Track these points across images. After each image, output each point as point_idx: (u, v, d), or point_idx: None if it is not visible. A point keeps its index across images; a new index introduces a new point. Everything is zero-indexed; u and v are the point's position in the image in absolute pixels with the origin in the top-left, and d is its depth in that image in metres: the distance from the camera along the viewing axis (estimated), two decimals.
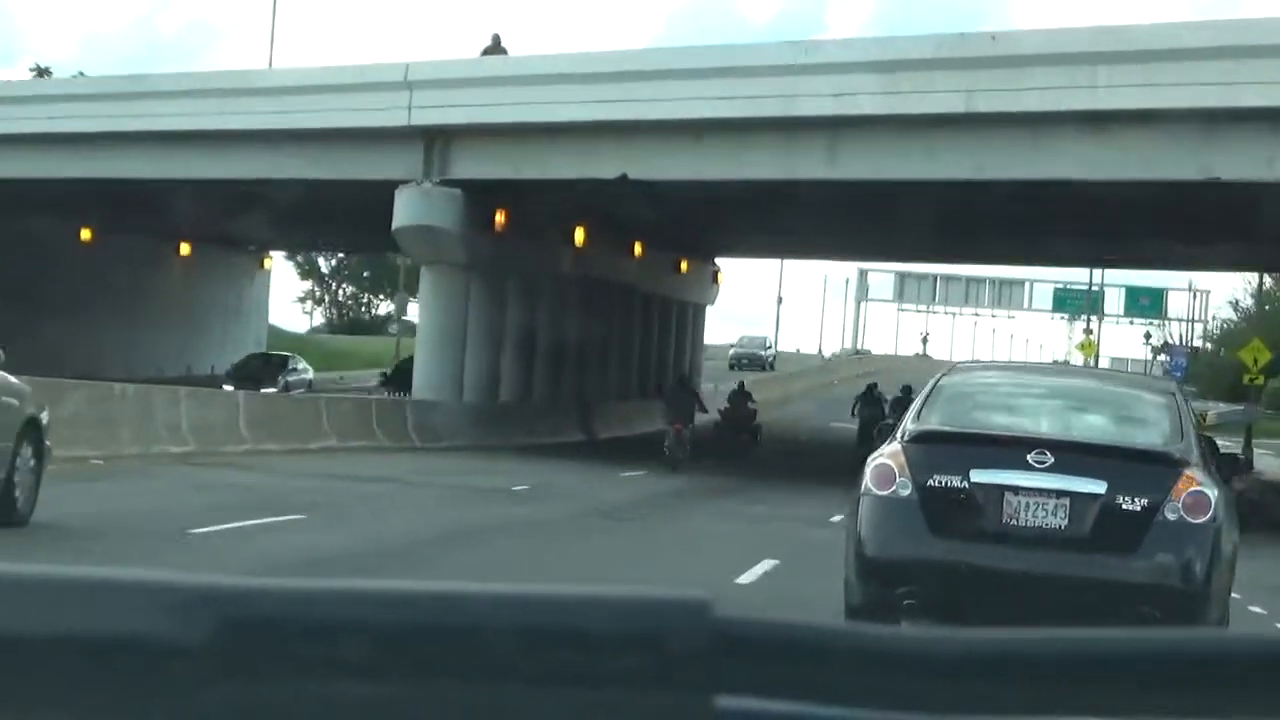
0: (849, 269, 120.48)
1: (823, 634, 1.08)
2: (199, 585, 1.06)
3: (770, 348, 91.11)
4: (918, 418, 10.23)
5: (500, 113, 32.48)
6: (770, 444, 42.46)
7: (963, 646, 1.08)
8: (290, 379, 52.41)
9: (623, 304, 46.66)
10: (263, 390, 40.82)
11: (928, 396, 10.52)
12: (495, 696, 1.05)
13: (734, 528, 20.85)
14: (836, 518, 15.83)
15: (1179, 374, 72.72)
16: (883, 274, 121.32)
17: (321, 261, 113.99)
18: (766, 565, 15.78)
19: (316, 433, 30.52)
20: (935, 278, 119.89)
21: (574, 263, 40.57)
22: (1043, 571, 9.55)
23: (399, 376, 44.47)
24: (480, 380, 36.80)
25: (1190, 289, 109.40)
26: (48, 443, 14.62)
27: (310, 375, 55.32)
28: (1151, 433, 10.28)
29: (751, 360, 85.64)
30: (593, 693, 1.05)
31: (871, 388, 44.71)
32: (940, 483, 9.74)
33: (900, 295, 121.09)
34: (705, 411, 35.34)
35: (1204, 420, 54.02)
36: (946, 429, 10.10)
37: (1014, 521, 9.68)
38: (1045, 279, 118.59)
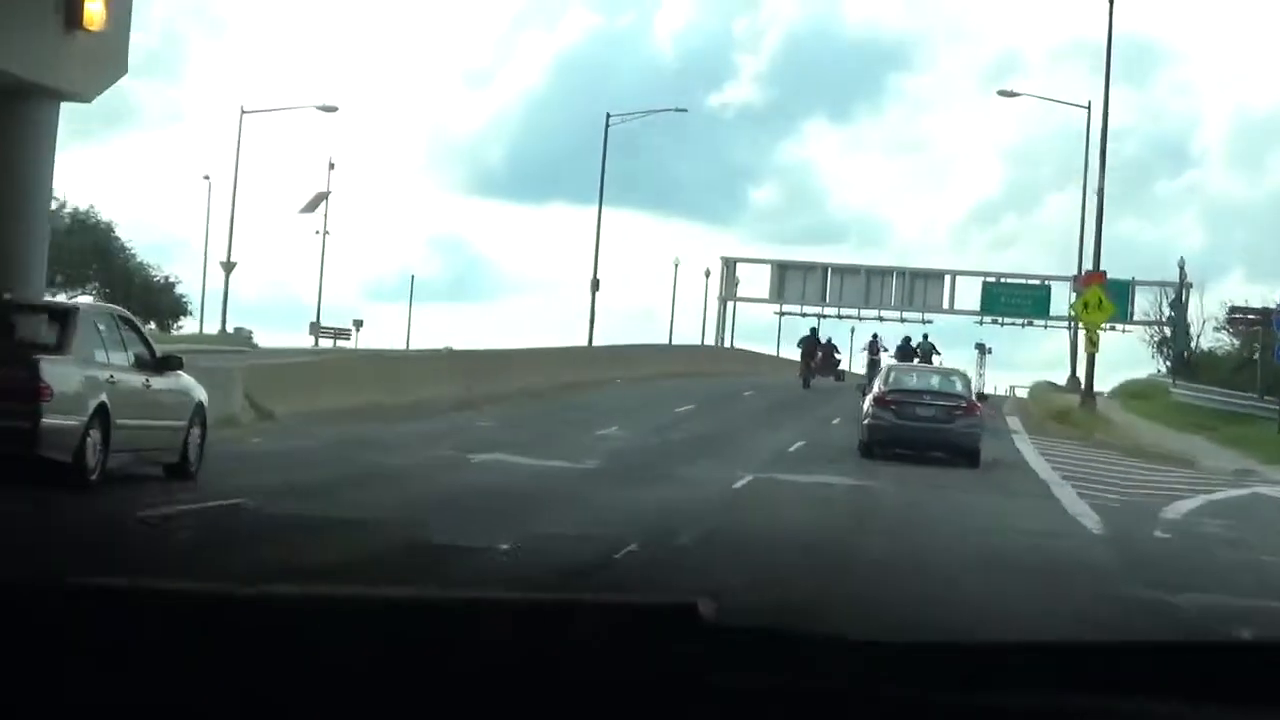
0: (710, 257, 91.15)
1: (814, 642, 1.10)
2: (199, 591, 1.13)
3: None
4: None
5: None
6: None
7: (951, 655, 1.11)
8: None
9: None
10: None
11: None
12: (489, 698, 1.07)
13: None
14: None
15: None
16: (756, 265, 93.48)
17: None
18: None
19: None
20: (825, 269, 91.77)
21: None
22: None
23: None
24: None
25: (1182, 275, 79.53)
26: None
27: None
28: None
29: None
30: (586, 695, 1.06)
31: None
32: None
33: (780, 294, 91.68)
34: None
35: None
36: None
37: None
38: (971, 270, 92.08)
